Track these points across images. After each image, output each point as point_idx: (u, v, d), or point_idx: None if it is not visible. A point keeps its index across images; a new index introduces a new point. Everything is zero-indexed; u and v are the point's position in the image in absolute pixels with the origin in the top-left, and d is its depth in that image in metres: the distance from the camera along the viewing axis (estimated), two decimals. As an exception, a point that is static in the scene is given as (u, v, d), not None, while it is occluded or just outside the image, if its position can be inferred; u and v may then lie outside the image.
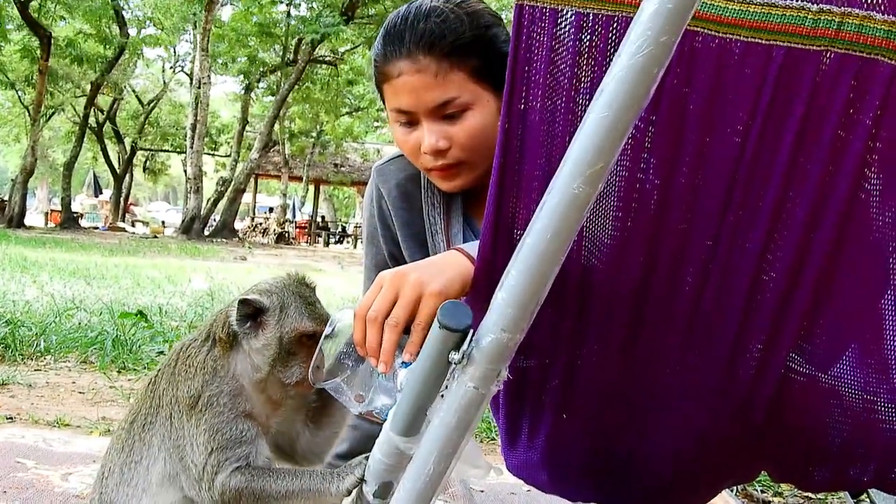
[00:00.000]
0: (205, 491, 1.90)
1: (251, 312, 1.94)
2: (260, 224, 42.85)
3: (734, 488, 3.99)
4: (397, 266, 1.79)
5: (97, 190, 50.97)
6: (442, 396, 1.50)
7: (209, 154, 46.18)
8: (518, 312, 1.40)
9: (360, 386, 1.83)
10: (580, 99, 1.62)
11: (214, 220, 37.67)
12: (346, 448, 2.60)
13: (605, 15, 1.59)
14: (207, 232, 35.52)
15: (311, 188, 47.94)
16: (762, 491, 4.13)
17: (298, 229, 44.22)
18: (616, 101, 1.28)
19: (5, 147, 56.18)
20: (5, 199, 36.32)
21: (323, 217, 51.51)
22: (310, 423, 2.10)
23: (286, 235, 39.47)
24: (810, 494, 4.03)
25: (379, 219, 2.60)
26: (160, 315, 7.91)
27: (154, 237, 33.42)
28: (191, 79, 39.00)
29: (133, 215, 49.63)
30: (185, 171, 36.50)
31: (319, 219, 48.78)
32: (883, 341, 1.71)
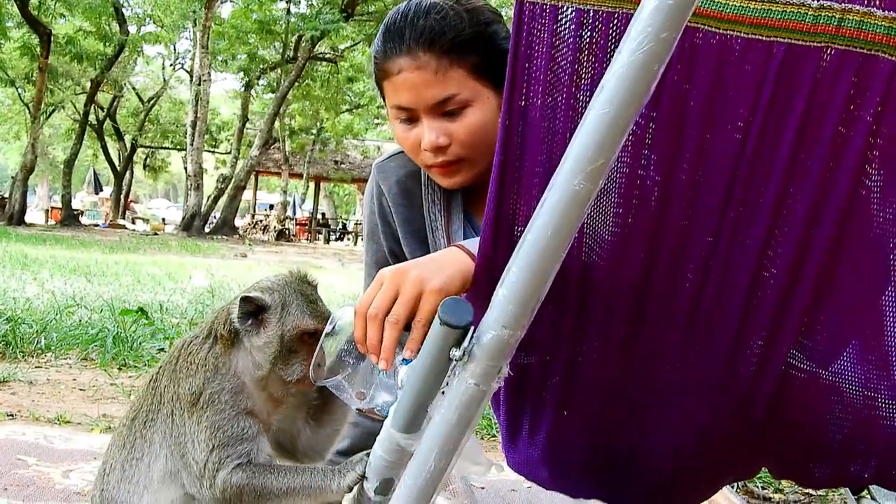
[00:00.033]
0: (206, 488, 1.90)
1: (253, 310, 1.94)
2: (260, 221, 42.73)
3: (735, 485, 3.99)
4: (398, 263, 1.80)
5: (97, 187, 50.93)
6: (443, 393, 1.50)
7: (209, 151, 46.14)
8: (519, 309, 1.41)
9: (361, 383, 1.83)
10: (581, 95, 1.62)
11: (215, 218, 37.62)
12: (347, 445, 2.60)
13: (606, 11, 1.59)
14: (208, 229, 35.46)
15: (312, 185, 47.86)
16: (763, 487, 4.13)
17: (299, 226, 44.18)
18: (617, 98, 1.28)
19: (5, 144, 56.17)
20: (6, 197, 36.28)
21: (323, 214, 51.46)
22: (311, 421, 2.10)
23: (287, 232, 39.40)
24: (811, 491, 4.03)
25: (379, 215, 2.60)
26: (161, 312, 7.91)
27: (154, 234, 33.39)
28: (191, 76, 38.98)
29: (133, 212, 49.57)
30: (186, 169, 36.45)
31: (320, 216, 48.74)
32: (883, 337, 1.71)
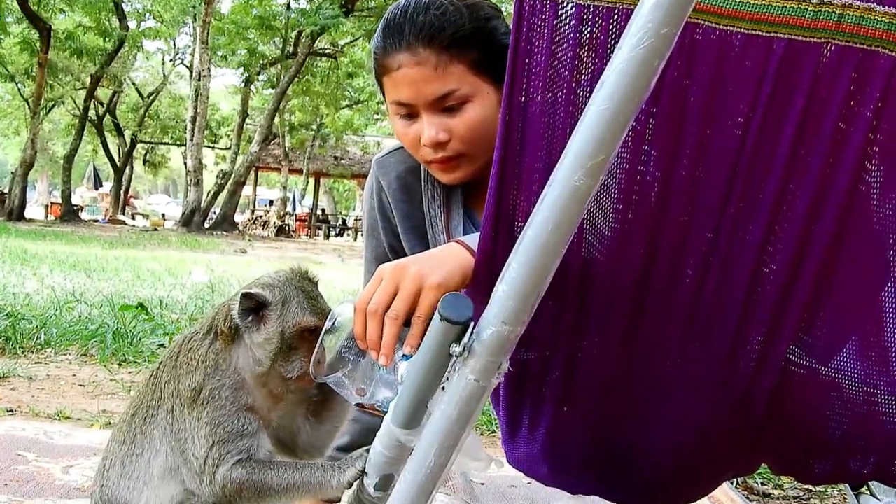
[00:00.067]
0: (206, 484, 1.90)
1: (253, 306, 1.94)
2: (260, 217, 42.69)
3: (734, 481, 3.99)
4: (397, 259, 1.80)
5: (97, 182, 50.90)
6: (443, 389, 1.50)
7: (209, 147, 46.08)
8: (519, 305, 1.41)
9: (362, 379, 1.83)
10: (581, 91, 1.62)
11: (214, 213, 37.58)
12: (347, 441, 2.60)
13: (606, 7, 1.59)
14: (208, 225, 35.42)
15: (312, 181, 47.82)
16: (762, 483, 4.13)
17: (299, 222, 44.11)
18: (617, 94, 1.28)
19: (5, 140, 56.08)
20: (5, 192, 36.22)
21: (323, 210, 51.42)
22: (311, 417, 2.09)
23: (286, 228, 39.37)
24: (810, 487, 4.04)
25: (379, 211, 2.60)
26: (161, 308, 7.91)
27: (154, 230, 33.34)
28: (190, 71, 38.97)
29: (133, 208, 49.48)
30: (186, 164, 36.42)
31: (320, 211, 48.71)
32: (883, 333, 1.72)
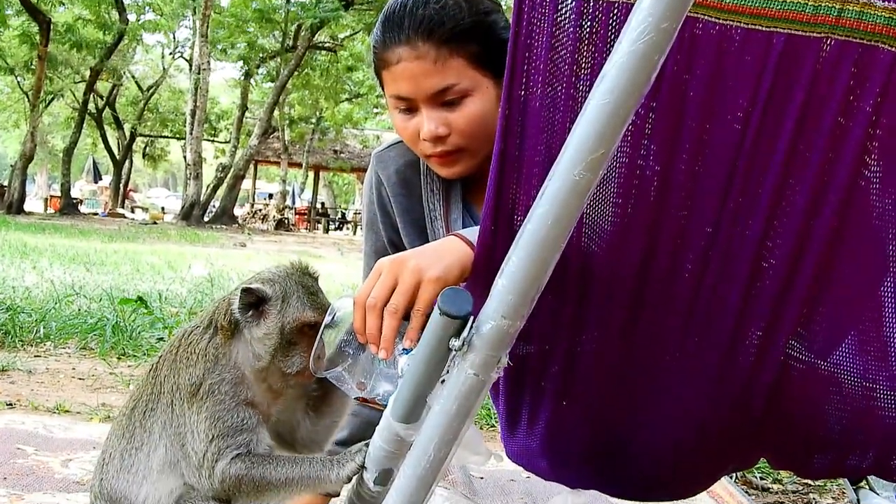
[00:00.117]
0: (205, 478, 1.90)
1: (254, 301, 1.94)
2: (259, 210, 42.70)
3: (734, 475, 4.00)
4: (397, 253, 1.80)
5: (97, 176, 50.86)
6: (442, 382, 1.50)
7: (208, 140, 46.04)
8: (518, 299, 1.41)
9: (362, 373, 1.83)
10: (581, 86, 1.62)
11: (214, 207, 37.58)
12: (347, 435, 2.60)
13: (606, 2, 1.59)
14: (207, 218, 35.43)
15: (311, 174, 47.80)
16: (762, 478, 4.14)
17: (298, 216, 44.11)
18: (617, 88, 1.28)
19: (4, 133, 56.03)
20: (5, 185, 36.17)
21: (322, 203, 51.43)
22: (310, 412, 2.09)
23: (286, 222, 39.34)
24: (809, 482, 4.05)
25: (378, 205, 2.60)
26: (160, 301, 7.91)
27: (153, 223, 33.34)
28: (190, 65, 38.95)
29: (132, 201, 49.54)
30: (185, 158, 36.42)
31: (319, 205, 48.70)
32: (882, 328, 1.72)
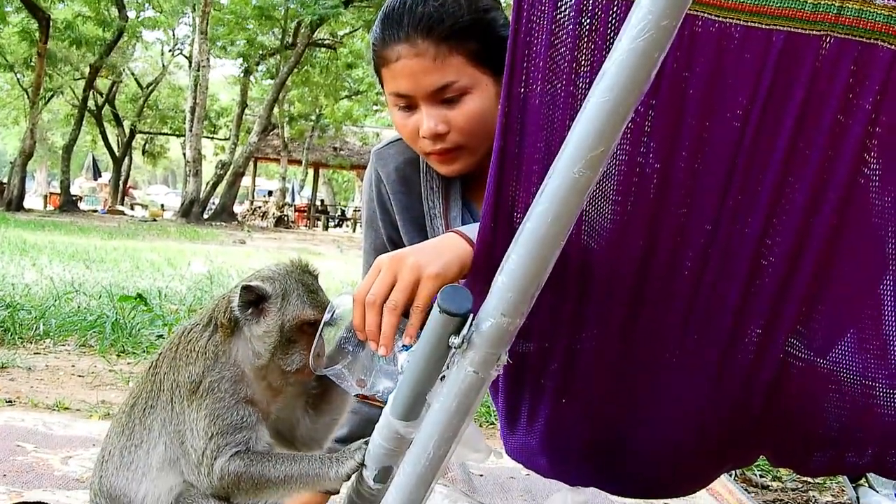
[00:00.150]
0: (204, 476, 1.90)
1: (253, 299, 1.94)
2: (259, 208, 42.63)
3: (733, 473, 4.00)
4: (396, 250, 1.80)
5: (96, 173, 50.82)
6: (441, 379, 1.50)
7: (208, 137, 46.00)
8: (518, 297, 1.41)
9: (362, 370, 1.83)
10: (580, 83, 1.62)
11: (213, 204, 37.54)
12: (346, 432, 2.60)
13: (606, -1, 1.59)
14: (206, 215, 35.37)
15: (311, 172, 47.73)
16: (761, 475, 4.14)
17: (297, 213, 44.06)
18: (617, 86, 1.28)
19: (4, 130, 55.96)
20: (4, 182, 36.12)
21: (322, 201, 51.36)
22: (310, 410, 2.10)
23: (285, 219, 39.29)
24: (809, 479, 4.04)
25: (378, 203, 2.60)
26: (160, 299, 7.91)
27: (153, 220, 33.28)
28: (190, 62, 38.91)
29: (132, 198, 49.43)
30: (185, 155, 36.39)
31: (318, 202, 48.64)
32: (882, 326, 1.72)
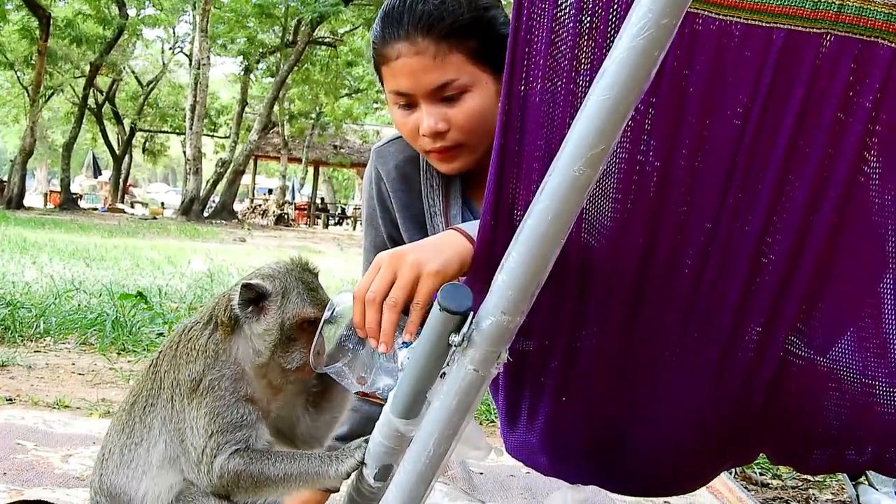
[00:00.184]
0: (204, 474, 1.90)
1: (253, 297, 1.93)
2: (259, 206, 42.64)
3: (733, 471, 4.00)
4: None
5: (96, 171, 50.81)
6: (441, 376, 1.50)
7: (208, 135, 45.97)
8: (518, 295, 1.41)
9: (362, 368, 1.83)
10: (580, 81, 1.62)
11: (213, 202, 37.54)
12: (346, 430, 2.60)
13: (606, -3, 1.59)
14: (206, 213, 35.38)
15: (311, 170, 47.73)
16: (761, 473, 4.14)
17: (298, 211, 44.04)
18: (617, 84, 1.28)
19: (4, 128, 55.95)
20: (4, 180, 36.15)
21: (322, 199, 51.36)
22: (310, 408, 2.09)
23: (285, 217, 39.29)
24: (809, 477, 4.05)
25: (378, 201, 2.59)
26: (160, 297, 7.91)
27: (153, 218, 33.30)
28: (190, 60, 38.92)
29: (132, 196, 49.45)
30: (185, 153, 36.42)
31: (319, 200, 48.64)
32: (882, 324, 1.72)
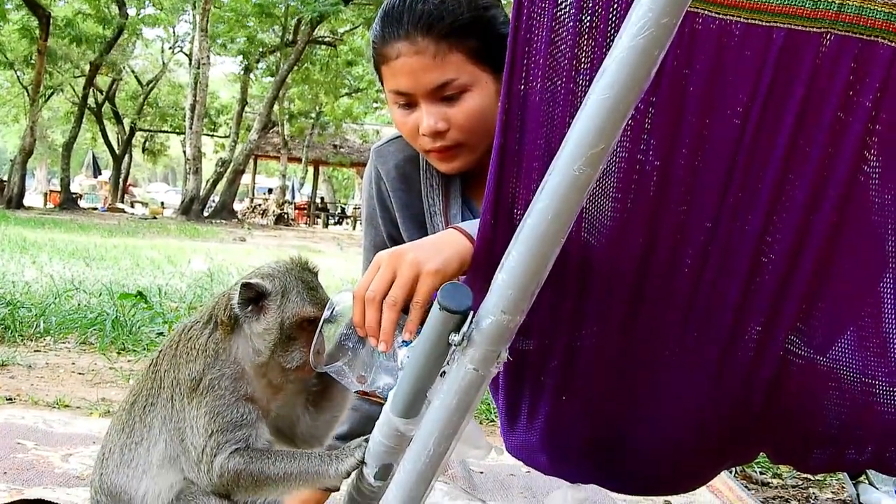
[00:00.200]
0: (204, 473, 1.90)
1: (253, 296, 1.93)
2: (259, 205, 42.63)
3: (733, 470, 4.00)
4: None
5: (96, 171, 50.77)
6: (441, 375, 1.50)
7: (208, 135, 45.92)
8: (518, 294, 1.41)
9: (362, 367, 1.83)
10: (580, 80, 1.62)
11: (213, 201, 37.53)
12: (346, 429, 2.60)
13: (606, -4, 1.59)
14: (206, 213, 35.37)
15: (311, 169, 47.70)
16: (761, 472, 4.14)
17: (297, 210, 44.02)
18: (617, 83, 1.28)
19: (4, 127, 55.91)
20: (4, 180, 36.14)
21: (322, 198, 51.35)
22: (310, 407, 2.09)
23: (285, 216, 39.28)
24: (809, 476, 4.05)
25: (378, 200, 2.59)
26: (160, 296, 7.91)
27: (153, 218, 33.29)
28: (190, 59, 38.90)
29: (132, 196, 49.39)
30: (184, 152, 36.41)
31: (318, 200, 48.64)
32: (882, 324, 1.72)
